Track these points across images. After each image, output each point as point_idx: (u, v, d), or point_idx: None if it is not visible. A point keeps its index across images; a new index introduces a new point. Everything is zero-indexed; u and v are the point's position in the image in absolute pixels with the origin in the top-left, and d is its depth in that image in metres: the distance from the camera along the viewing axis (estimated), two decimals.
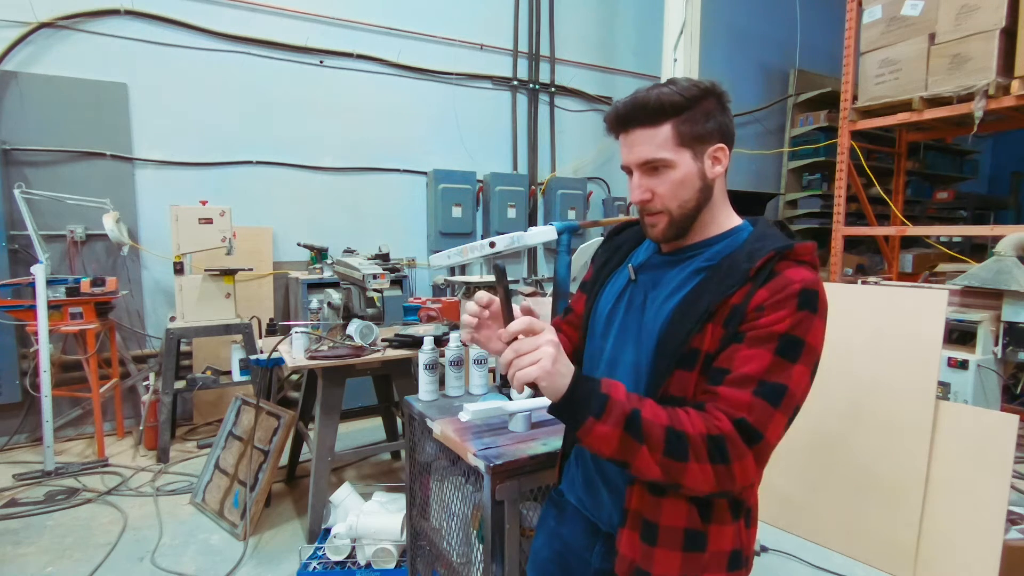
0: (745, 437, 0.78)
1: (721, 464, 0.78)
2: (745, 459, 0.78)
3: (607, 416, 0.79)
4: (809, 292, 0.82)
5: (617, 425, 0.78)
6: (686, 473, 0.78)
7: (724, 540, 0.88)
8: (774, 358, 0.80)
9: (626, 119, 0.89)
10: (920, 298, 2.32)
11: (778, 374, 0.80)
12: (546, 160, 5.35)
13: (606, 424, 0.79)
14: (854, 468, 2.38)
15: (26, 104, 3.47)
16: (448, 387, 1.81)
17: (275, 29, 4.14)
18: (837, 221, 4.40)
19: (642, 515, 0.89)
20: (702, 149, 0.88)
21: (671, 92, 0.86)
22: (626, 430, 0.78)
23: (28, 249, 3.34)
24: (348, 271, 2.55)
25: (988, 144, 8.72)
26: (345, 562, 2.20)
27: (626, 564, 0.90)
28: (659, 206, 0.90)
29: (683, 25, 4.12)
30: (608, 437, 0.79)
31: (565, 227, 1.80)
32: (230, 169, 4.09)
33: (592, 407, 0.79)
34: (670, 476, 0.79)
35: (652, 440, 0.78)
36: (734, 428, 0.78)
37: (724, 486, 0.79)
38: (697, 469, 0.78)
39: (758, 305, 0.82)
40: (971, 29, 3.48)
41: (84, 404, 3.57)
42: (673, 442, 0.78)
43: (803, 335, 0.81)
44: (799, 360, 0.81)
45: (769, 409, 0.79)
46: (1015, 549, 2.09)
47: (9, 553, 2.37)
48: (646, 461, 0.79)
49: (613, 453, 0.80)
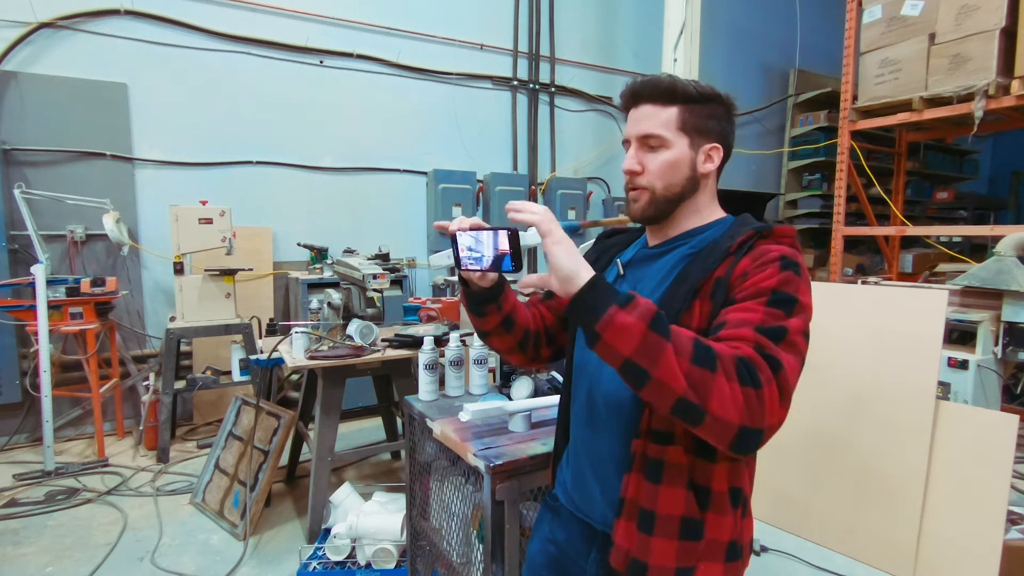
0: (769, 363, 0.72)
1: (751, 387, 0.70)
2: (772, 386, 0.71)
3: (632, 307, 0.72)
4: (787, 259, 0.82)
5: (643, 318, 0.71)
6: (714, 389, 0.69)
7: (722, 530, 0.88)
8: (768, 309, 0.78)
9: (639, 93, 0.93)
10: (920, 298, 2.32)
11: (773, 321, 0.77)
12: (546, 160, 5.35)
13: (631, 315, 0.71)
14: (854, 468, 2.38)
15: (26, 104, 3.47)
16: (448, 387, 1.81)
17: (275, 29, 4.14)
18: (837, 221, 4.40)
19: (639, 504, 0.88)
20: (699, 142, 0.93)
21: (686, 82, 0.92)
22: (652, 326, 0.71)
23: (28, 249, 3.34)
24: (348, 271, 2.55)
25: (988, 144, 8.72)
26: (345, 562, 2.20)
27: (622, 555, 0.89)
28: (645, 181, 0.93)
29: (683, 25, 4.12)
30: (631, 329, 0.71)
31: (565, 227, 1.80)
32: (230, 169, 4.09)
33: (616, 297, 0.73)
34: (696, 391, 0.69)
35: (680, 344, 0.71)
36: (757, 353, 0.73)
37: (753, 415, 0.70)
38: (726, 386, 0.69)
39: (742, 272, 0.83)
40: (971, 29, 3.48)
41: (84, 404, 3.57)
42: (702, 353, 0.71)
43: (794, 292, 0.80)
44: (793, 314, 0.79)
45: (777, 348, 0.75)
46: (1015, 549, 2.09)
47: (9, 553, 2.37)
48: (671, 366, 0.69)
49: (634, 351, 0.71)
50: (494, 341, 1.08)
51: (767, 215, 6.55)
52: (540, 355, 1.14)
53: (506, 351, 1.11)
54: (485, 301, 1.01)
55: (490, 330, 1.05)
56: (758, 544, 2.42)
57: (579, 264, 0.77)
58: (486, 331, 1.06)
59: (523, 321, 1.09)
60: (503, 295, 1.02)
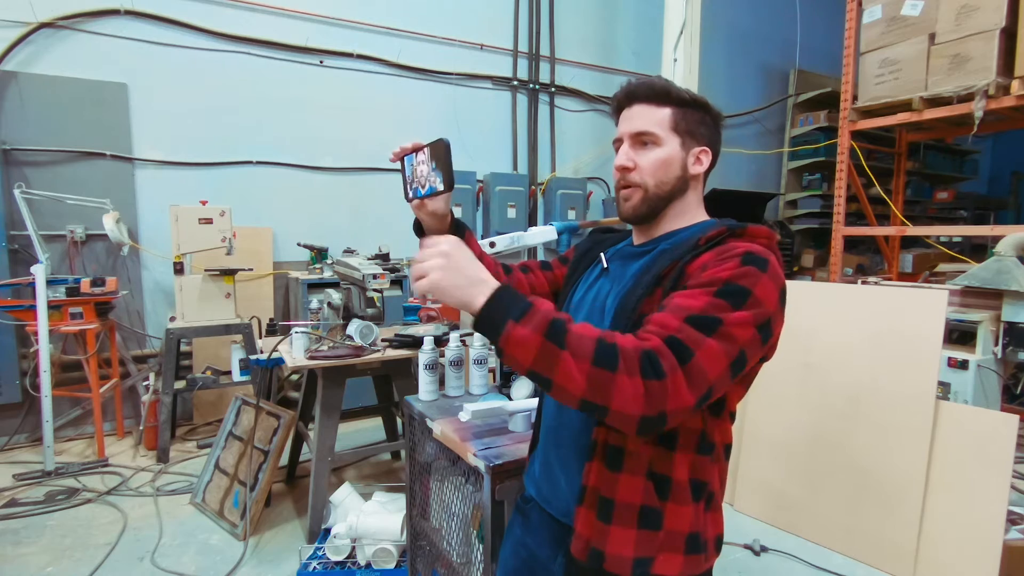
0: (676, 352, 0.73)
1: (654, 379, 0.71)
2: (677, 375, 0.72)
3: (527, 319, 0.73)
4: (755, 255, 0.81)
5: (538, 329, 0.73)
6: (615, 386, 0.71)
7: (682, 521, 0.87)
8: (711, 299, 0.77)
9: (634, 93, 0.96)
10: (920, 298, 2.32)
11: (713, 312, 0.76)
12: (546, 160, 5.35)
13: (526, 327, 0.73)
14: (854, 468, 2.38)
15: (26, 104, 3.47)
16: (448, 387, 1.81)
17: (275, 29, 4.14)
18: (837, 221, 4.40)
19: (599, 492, 0.88)
20: (690, 143, 0.95)
21: (679, 88, 0.96)
22: (547, 336, 0.72)
23: (28, 249, 3.34)
24: (348, 271, 2.55)
25: (988, 144, 8.71)
26: (345, 562, 2.20)
27: (582, 543, 0.89)
28: (637, 178, 0.95)
29: (683, 25, 4.12)
30: (527, 341, 0.72)
31: (565, 227, 1.80)
32: (230, 169, 4.09)
33: (513, 311, 0.74)
34: (597, 390, 0.71)
35: (578, 348, 0.72)
36: (664, 344, 0.74)
37: (655, 405, 0.72)
38: (628, 383, 0.71)
39: (702, 265, 0.83)
40: (971, 29, 3.48)
41: (84, 404, 3.57)
42: (604, 353, 0.72)
43: (748, 286, 0.78)
44: (741, 307, 0.77)
45: (699, 335, 0.74)
46: (1015, 549, 2.09)
47: (9, 553, 2.37)
48: (570, 371, 0.72)
49: (533, 362, 0.73)
50: None
51: (767, 215, 6.55)
52: None
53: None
54: None
55: None
56: (758, 544, 2.42)
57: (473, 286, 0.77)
58: None
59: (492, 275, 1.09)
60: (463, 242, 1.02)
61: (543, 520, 1.03)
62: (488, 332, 0.76)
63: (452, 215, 1.06)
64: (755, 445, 2.71)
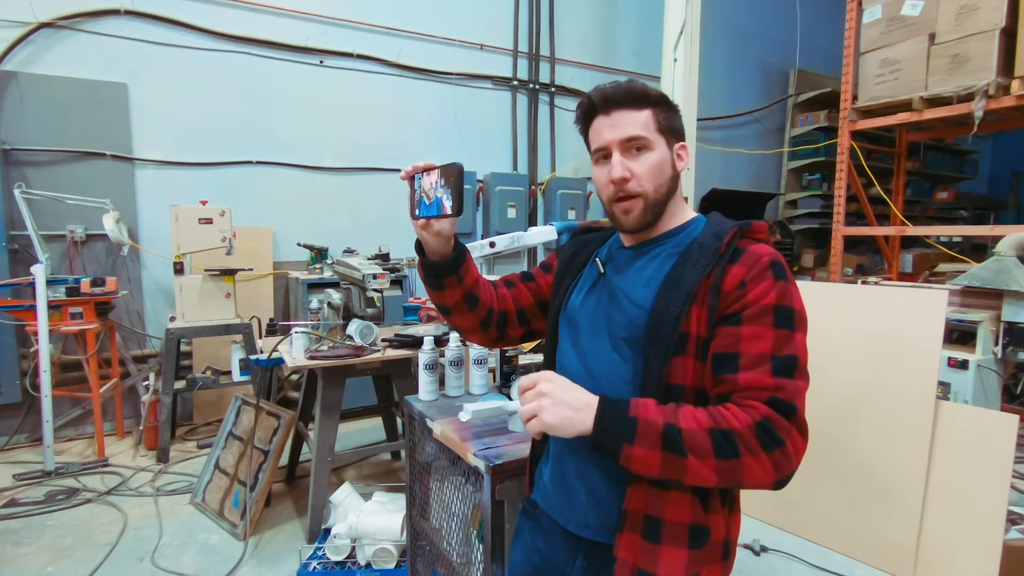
0: (784, 413, 0.78)
1: (776, 449, 0.76)
2: (792, 435, 0.77)
3: (640, 438, 0.77)
4: (777, 263, 0.86)
5: (654, 446, 0.77)
6: (743, 470, 0.76)
7: (718, 530, 0.88)
8: (776, 332, 0.82)
9: (612, 99, 0.93)
10: (920, 298, 2.32)
11: (784, 347, 0.81)
12: (546, 160, 5.35)
13: (641, 447, 0.77)
14: (854, 468, 2.38)
15: (26, 104, 3.47)
16: (448, 387, 1.81)
17: (275, 29, 4.14)
18: (837, 221, 4.40)
19: (644, 513, 0.86)
20: (673, 141, 0.95)
21: (649, 87, 0.95)
22: (665, 448, 0.76)
23: (28, 249, 3.34)
24: (348, 271, 2.55)
25: (988, 144, 8.71)
26: (345, 562, 2.20)
27: (627, 569, 0.86)
28: (637, 187, 0.92)
29: (683, 25, 4.12)
30: (648, 460, 0.77)
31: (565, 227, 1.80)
32: (230, 169, 4.09)
33: (623, 433, 0.78)
34: (728, 478, 0.77)
35: (698, 449, 0.76)
36: (770, 408, 0.78)
37: (783, 470, 0.77)
38: (753, 462, 0.76)
39: (739, 282, 0.84)
40: (971, 29, 3.48)
41: (84, 404, 3.57)
42: (722, 443, 0.76)
43: (791, 304, 0.84)
44: (797, 328, 0.83)
45: (792, 382, 0.80)
46: (1015, 549, 2.09)
47: (9, 553, 2.37)
48: (698, 471, 0.76)
49: (660, 472, 0.78)
50: (456, 319, 1.07)
51: (767, 215, 6.55)
52: (507, 335, 1.13)
53: (468, 330, 1.10)
54: (443, 273, 1.00)
55: (451, 305, 1.04)
56: (758, 544, 2.42)
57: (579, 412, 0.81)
58: (446, 306, 1.05)
59: (487, 299, 1.07)
60: (464, 266, 1.01)
61: (554, 525, 1.01)
62: (607, 456, 0.81)
63: (456, 237, 1.05)
64: None
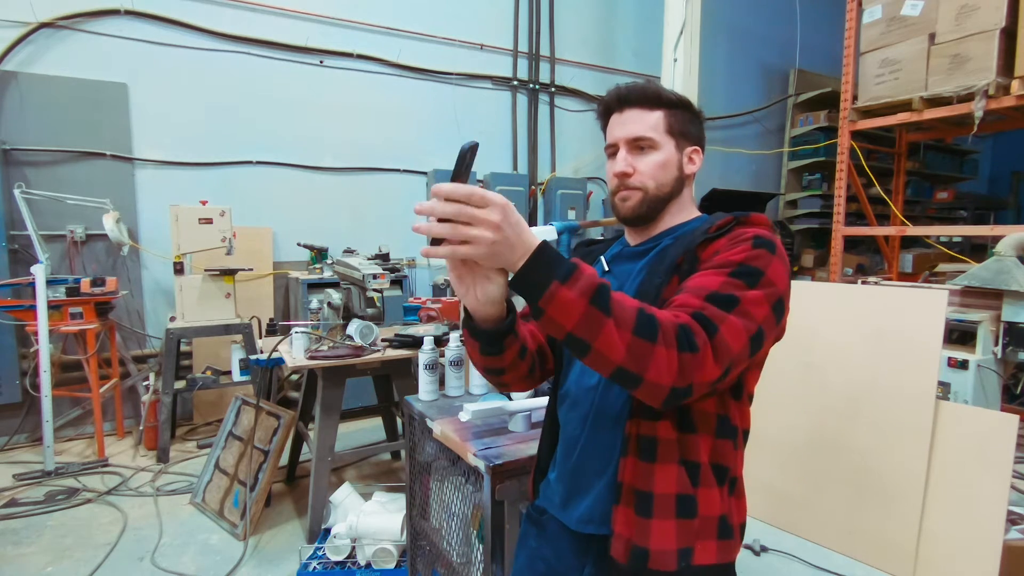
0: (705, 327, 0.75)
1: (688, 352, 0.73)
2: (707, 348, 0.74)
3: (574, 282, 0.71)
4: (764, 239, 0.84)
5: (584, 294, 0.70)
6: (653, 357, 0.71)
7: (711, 505, 0.88)
8: (727, 279, 0.80)
9: (626, 98, 0.97)
10: (920, 298, 2.32)
11: (730, 290, 0.79)
12: (546, 160, 5.35)
13: (572, 290, 0.70)
14: (854, 468, 2.38)
15: (26, 104, 3.47)
16: (448, 387, 1.81)
17: (275, 29, 4.14)
18: (837, 221, 4.40)
19: (635, 487, 0.87)
20: (683, 144, 0.98)
21: (667, 90, 0.98)
22: (593, 301, 0.71)
23: (28, 249, 3.34)
24: (348, 271, 2.55)
25: (988, 144, 8.71)
26: (345, 562, 2.20)
27: (622, 543, 0.87)
28: (637, 182, 0.96)
29: (683, 25, 4.12)
30: (571, 306, 0.70)
31: (565, 227, 1.81)
32: (230, 169, 4.09)
33: (558, 272, 0.71)
34: (635, 359, 0.71)
35: (621, 316, 0.71)
36: (693, 319, 0.76)
37: (687, 376, 0.73)
38: (664, 354, 0.72)
39: (715, 250, 0.86)
40: (971, 29, 3.48)
41: (84, 404, 3.57)
42: (644, 323, 0.72)
43: (761, 267, 0.81)
44: (756, 287, 0.80)
45: (721, 312, 0.77)
46: (1015, 549, 2.09)
47: (9, 553, 2.37)
48: (611, 338, 0.71)
49: (574, 327, 0.71)
50: (508, 377, 0.97)
51: (767, 215, 6.54)
52: (546, 371, 1.08)
53: (518, 381, 1.01)
54: (502, 335, 0.89)
55: (507, 366, 0.94)
56: (758, 544, 2.42)
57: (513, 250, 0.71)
58: (502, 368, 0.95)
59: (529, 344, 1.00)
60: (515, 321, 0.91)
61: (561, 531, 1.00)
62: (527, 288, 0.72)
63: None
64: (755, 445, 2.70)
